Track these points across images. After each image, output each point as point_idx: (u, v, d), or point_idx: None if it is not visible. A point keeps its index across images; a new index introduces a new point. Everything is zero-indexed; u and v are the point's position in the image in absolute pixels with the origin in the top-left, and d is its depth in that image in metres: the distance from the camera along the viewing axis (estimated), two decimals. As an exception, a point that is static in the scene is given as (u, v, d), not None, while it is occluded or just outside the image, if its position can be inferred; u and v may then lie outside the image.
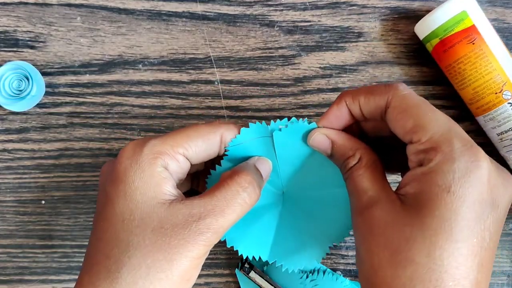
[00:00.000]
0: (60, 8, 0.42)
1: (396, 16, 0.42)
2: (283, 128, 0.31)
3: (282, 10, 0.42)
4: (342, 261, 0.42)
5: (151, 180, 0.27)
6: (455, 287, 0.23)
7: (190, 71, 0.42)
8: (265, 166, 0.31)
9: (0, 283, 0.42)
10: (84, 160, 0.42)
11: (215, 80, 0.42)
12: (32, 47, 0.42)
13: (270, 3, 0.42)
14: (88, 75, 0.42)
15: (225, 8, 0.42)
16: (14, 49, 0.42)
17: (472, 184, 0.24)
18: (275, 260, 0.33)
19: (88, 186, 0.42)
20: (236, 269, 0.40)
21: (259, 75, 0.42)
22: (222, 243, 0.32)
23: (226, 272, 0.42)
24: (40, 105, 0.42)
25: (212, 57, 0.42)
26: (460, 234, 0.23)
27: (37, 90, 0.41)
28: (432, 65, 0.42)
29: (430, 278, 0.23)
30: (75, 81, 0.42)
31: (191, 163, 0.30)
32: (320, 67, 0.42)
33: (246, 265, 0.39)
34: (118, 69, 0.42)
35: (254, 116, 0.42)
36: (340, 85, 0.42)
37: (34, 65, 0.41)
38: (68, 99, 0.42)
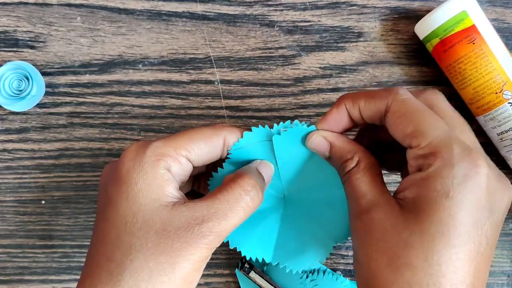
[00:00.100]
0: (60, 8, 0.42)
1: (396, 16, 0.42)
2: (282, 131, 0.31)
3: (282, 10, 0.42)
4: (342, 261, 0.42)
5: (153, 182, 0.27)
6: None
7: (190, 71, 0.42)
8: (267, 170, 0.31)
9: (0, 283, 0.42)
10: (84, 160, 0.42)
11: (215, 80, 0.42)
12: (32, 47, 0.42)
13: (270, 3, 0.42)
14: (88, 75, 0.42)
15: (225, 8, 0.42)
16: (14, 49, 0.42)
17: (471, 190, 0.24)
18: (279, 262, 0.33)
19: (88, 186, 0.42)
20: (236, 269, 0.40)
21: (259, 75, 0.42)
22: (223, 243, 0.32)
23: (226, 272, 0.42)
24: (40, 105, 0.42)
25: (212, 57, 0.42)
26: (458, 239, 0.23)
27: (37, 90, 0.41)
28: (432, 65, 0.42)
29: (428, 283, 0.23)
30: (75, 81, 0.42)
31: (193, 165, 0.30)
32: (320, 67, 0.42)
33: (246, 265, 0.39)
34: (118, 69, 0.42)
35: (254, 116, 0.42)
36: (340, 85, 0.42)
37: (34, 65, 0.41)
38: (68, 99, 0.42)
